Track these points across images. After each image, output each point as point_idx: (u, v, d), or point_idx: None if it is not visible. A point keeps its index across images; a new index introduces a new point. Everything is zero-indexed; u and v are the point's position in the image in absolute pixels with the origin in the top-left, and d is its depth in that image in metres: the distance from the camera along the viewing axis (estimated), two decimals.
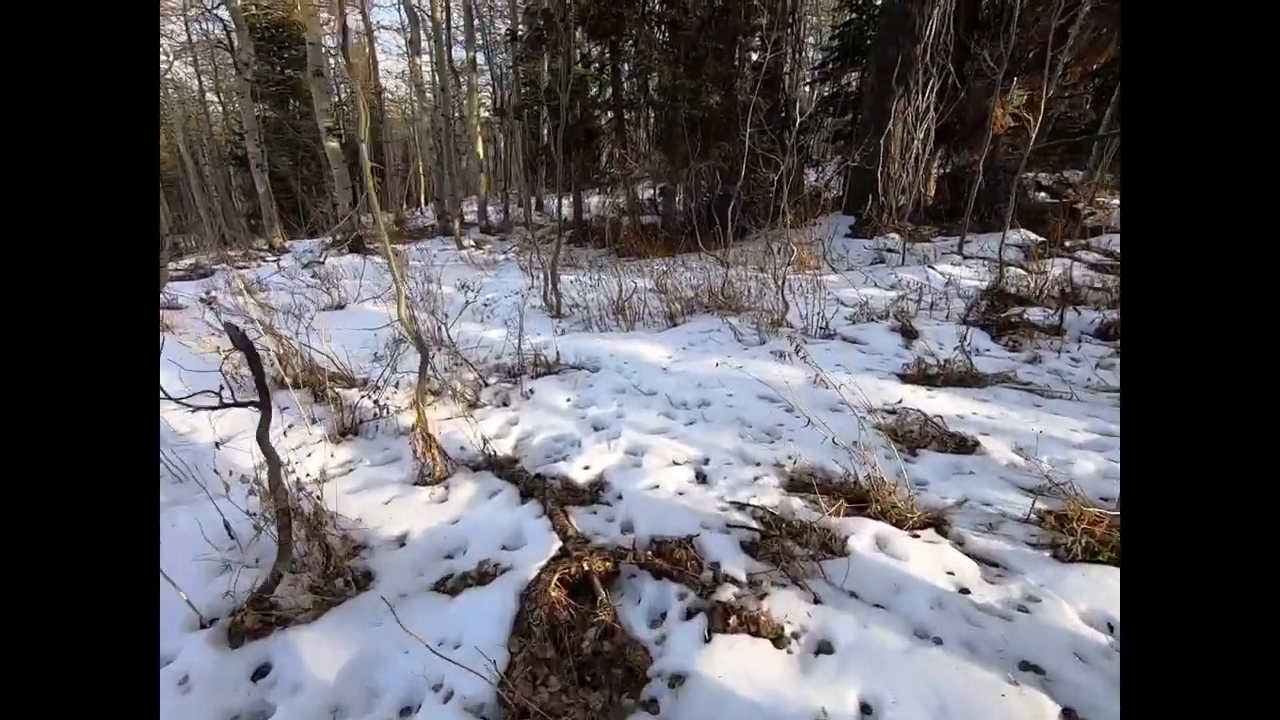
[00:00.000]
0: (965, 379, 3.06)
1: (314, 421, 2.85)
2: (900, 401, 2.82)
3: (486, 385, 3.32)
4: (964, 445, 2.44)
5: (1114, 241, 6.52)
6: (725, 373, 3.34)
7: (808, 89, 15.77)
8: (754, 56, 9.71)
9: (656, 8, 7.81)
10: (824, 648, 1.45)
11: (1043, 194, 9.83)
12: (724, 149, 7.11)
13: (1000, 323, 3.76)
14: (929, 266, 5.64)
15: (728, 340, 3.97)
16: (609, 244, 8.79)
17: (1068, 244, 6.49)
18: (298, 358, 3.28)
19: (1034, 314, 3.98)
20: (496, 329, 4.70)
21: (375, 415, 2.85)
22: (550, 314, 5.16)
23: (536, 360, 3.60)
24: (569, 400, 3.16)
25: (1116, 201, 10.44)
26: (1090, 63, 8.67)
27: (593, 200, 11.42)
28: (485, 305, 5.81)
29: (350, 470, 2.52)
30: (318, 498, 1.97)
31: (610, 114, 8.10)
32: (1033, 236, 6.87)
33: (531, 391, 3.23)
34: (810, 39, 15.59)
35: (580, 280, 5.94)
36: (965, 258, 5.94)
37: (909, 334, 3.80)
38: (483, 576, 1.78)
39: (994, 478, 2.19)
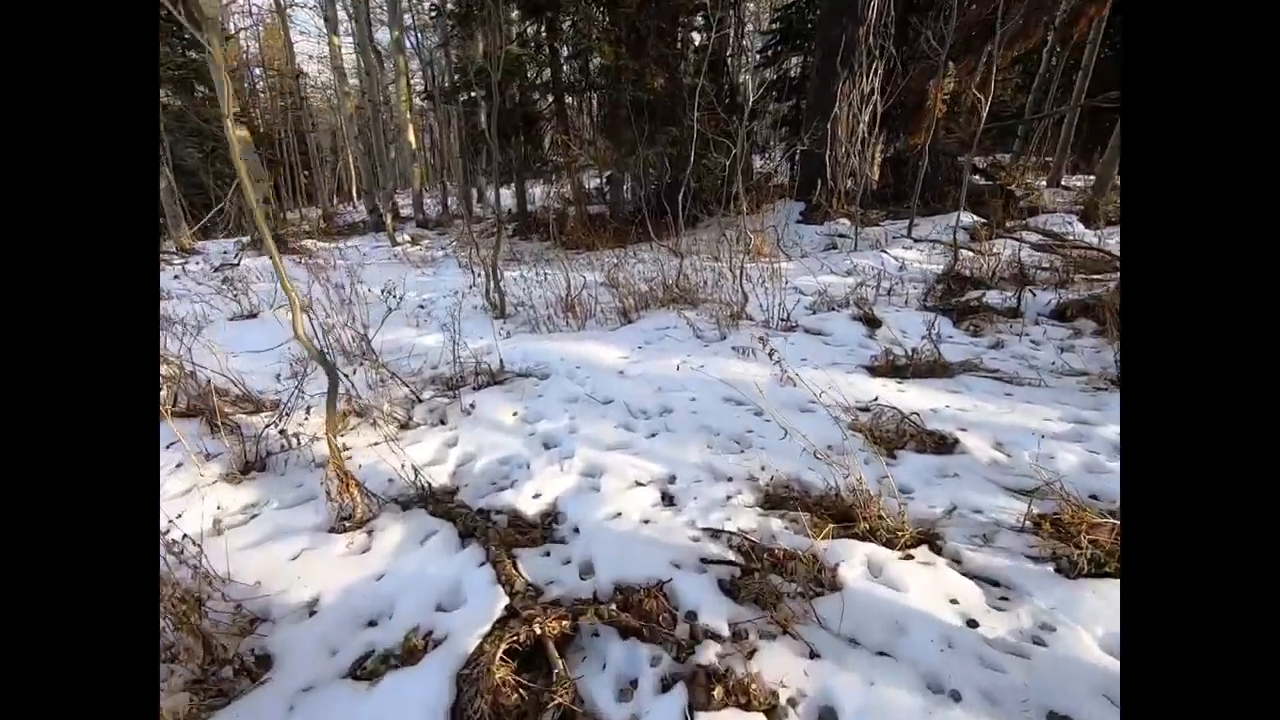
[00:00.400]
0: (934, 369, 2.94)
1: (208, 457, 2.40)
2: (876, 399, 2.65)
3: (420, 401, 2.94)
4: (944, 444, 2.29)
5: (1049, 221, 6.70)
6: (686, 375, 3.09)
7: (750, 75, 15.75)
8: (697, 39, 9.47)
9: None
10: (827, 716, 1.22)
11: (977, 176, 10.13)
12: (671, 134, 6.84)
13: (960, 308, 3.69)
14: (882, 251, 5.59)
15: (686, 337, 3.73)
16: (554, 237, 8.38)
17: (1008, 225, 6.63)
18: (188, 380, 2.79)
19: (991, 297, 3.94)
20: (433, 334, 4.27)
21: (284, 446, 2.43)
22: (493, 315, 4.77)
23: (478, 369, 3.24)
24: (516, 414, 2.83)
25: (1043, 183, 10.92)
26: (1014, 50, 8.91)
27: (537, 191, 10.93)
28: (422, 308, 5.33)
29: (253, 517, 2.11)
30: (196, 565, 1.59)
31: (550, 98, 7.66)
32: (975, 219, 6.99)
33: (473, 406, 2.88)
34: (750, 26, 15.50)
35: (525, 276, 5.54)
36: (915, 241, 5.94)
37: (872, 322, 3.67)
38: (411, 653, 1.45)
39: (980, 479, 2.04)
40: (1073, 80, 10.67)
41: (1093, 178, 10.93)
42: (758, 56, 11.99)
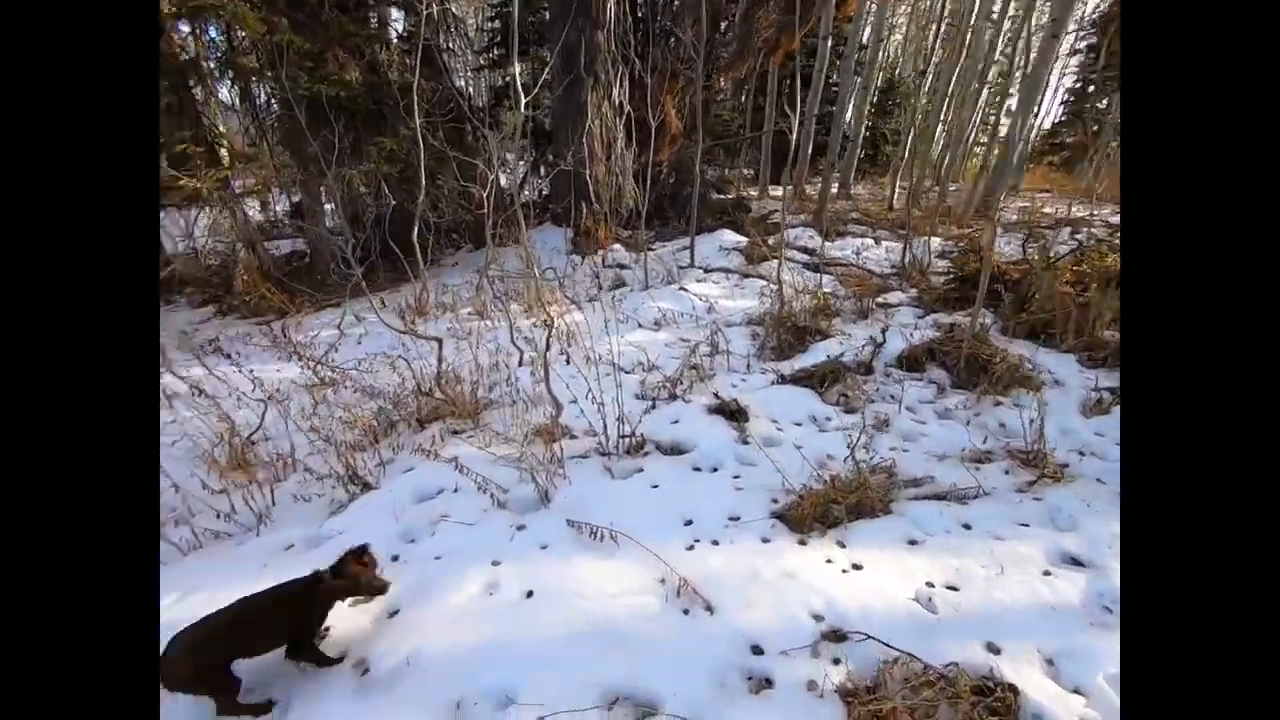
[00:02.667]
0: (864, 501, 2.03)
1: None
2: (844, 633, 1.56)
3: None
4: (1002, 711, 1.32)
5: (798, 236, 6.96)
6: (502, 631, 1.56)
7: (471, 78, 14.03)
8: (400, 24, 7.46)
9: None
10: None
11: (716, 192, 10.60)
12: (384, 147, 4.89)
13: (821, 375, 2.96)
14: (681, 289, 4.80)
15: (475, 510, 2.13)
16: (220, 296, 5.49)
17: (770, 241, 6.66)
18: None
19: (831, 347, 3.37)
20: None
21: None
22: None
23: None
24: None
25: (777, 191, 12.16)
26: (734, 74, 9.42)
27: (202, 220, 7.24)
28: None
29: None
30: None
31: (164, 82, 4.78)
32: (734, 238, 6.91)
33: None
34: (467, 19, 13.72)
35: None
36: (706, 271, 5.35)
37: (735, 415, 2.68)
38: None
39: None
40: (781, 99, 12.07)
41: (785, 188, 12.69)
42: (479, 59, 10.43)
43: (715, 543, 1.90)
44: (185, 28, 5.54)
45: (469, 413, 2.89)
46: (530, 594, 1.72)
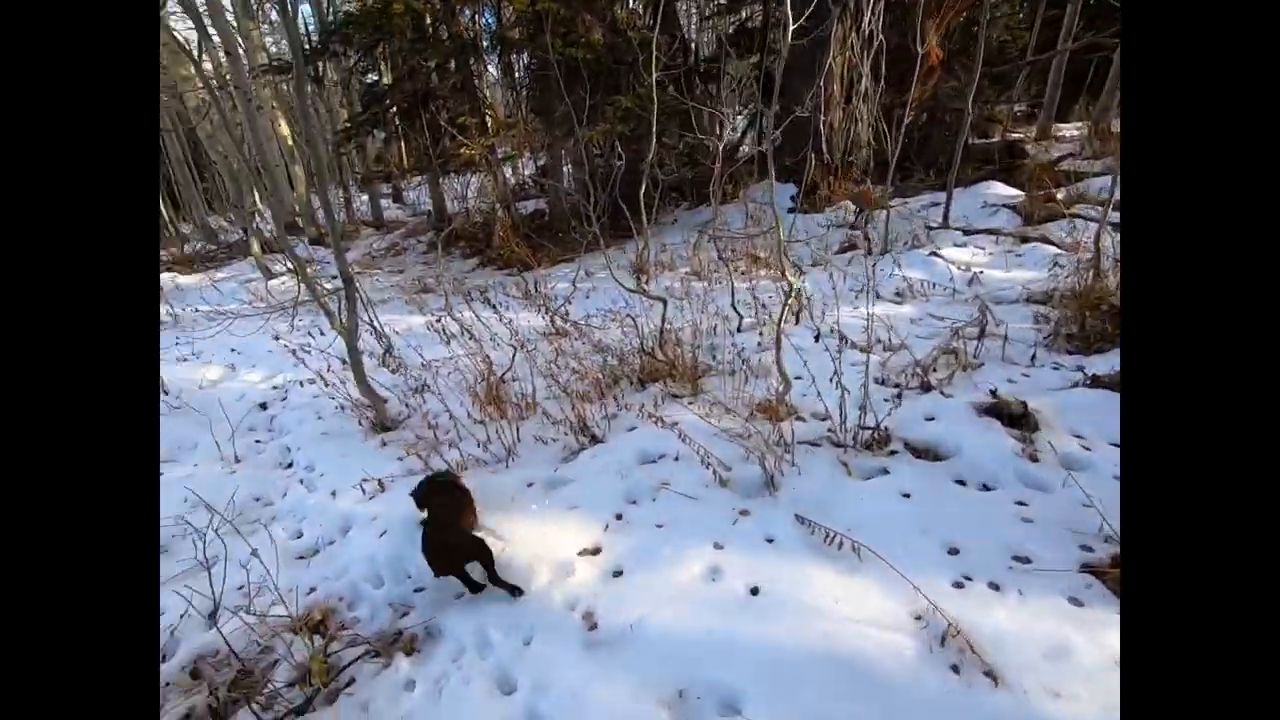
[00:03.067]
0: None
1: None
2: None
3: None
4: None
5: (1102, 188, 5.27)
6: (726, 625, 1.44)
7: (696, 29, 13.76)
8: None
9: None
10: None
11: (974, 135, 8.67)
12: (620, 105, 5.02)
13: None
14: (934, 254, 4.02)
15: (697, 485, 2.05)
16: (481, 252, 6.47)
17: (1058, 196, 5.17)
18: None
19: None
20: (269, 476, 2.45)
21: None
22: (372, 426, 2.95)
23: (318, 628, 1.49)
24: None
25: (1069, 131, 9.57)
26: None
27: (473, 184, 8.74)
28: (269, 413, 3.43)
29: None
30: None
31: (452, 63, 5.63)
32: (1005, 191, 5.53)
33: None
34: None
35: (430, 333, 3.71)
36: (967, 234, 4.40)
37: (1017, 421, 2.10)
38: None
39: None
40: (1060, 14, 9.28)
41: (1081, 126, 9.72)
42: (711, 4, 10.08)
43: (995, 587, 1.48)
44: (468, 13, 6.39)
45: (688, 377, 2.83)
46: (755, 591, 1.57)
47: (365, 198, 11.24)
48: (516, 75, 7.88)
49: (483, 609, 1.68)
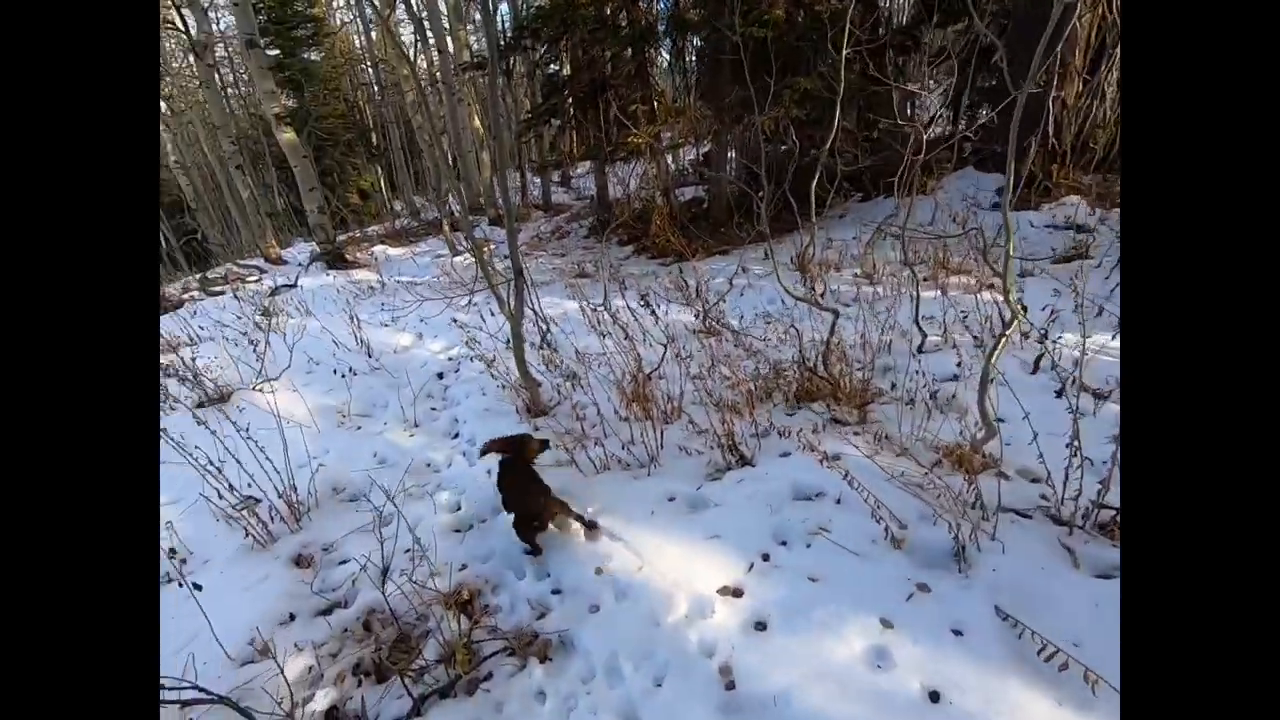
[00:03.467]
0: None
1: None
2: None
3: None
4: None
5: None
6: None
7: None
8: None
9: None
10: None
11: None
12: (799, 88, 4.61)
13: None
14: None
15: (860, 535, 1.75)
16: (637, 240, 6.53)
17: None
18: None
19: None
20: (439, 444, 2.71)
21: None
22: (527, 409, 3.10)
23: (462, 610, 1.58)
24: None
25: None
26: None
27: (636, 171, 8.92)
28: (441, 377, 3.82)
29: None
30: None
31: (629, 50, 5.66)
32: None
33: None
34: None
35: (585, 321, 3.80)
36: None
37: None
38: None
39: None
40: None
41: None
42: None
43: None
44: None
45: (855, 401, 2.49)
46: (935, 697, 1.28)
47: (538, 181, 12.13)
48: (687, 60, 7.75)
49: (617, 626, 1.63)
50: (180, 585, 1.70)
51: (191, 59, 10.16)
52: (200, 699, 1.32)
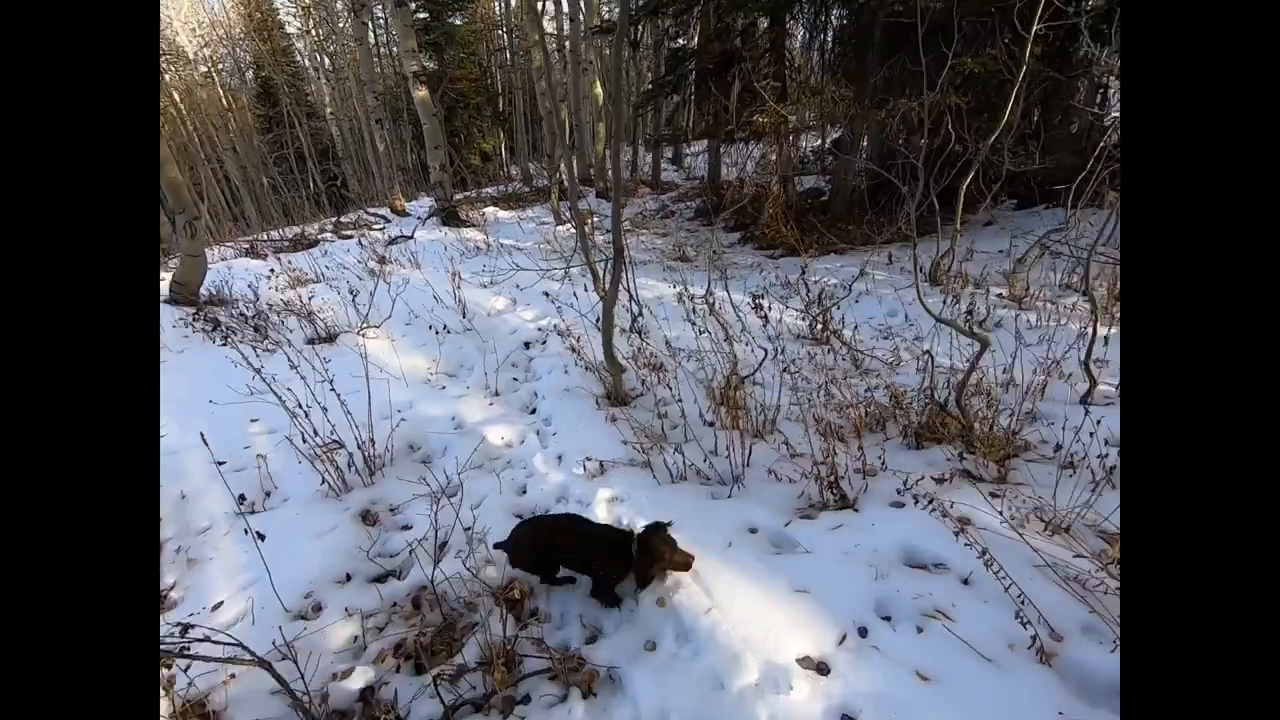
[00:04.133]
0: None
1: None
2: None
3: None
4: None
5: None
6: None
7: None
8: None
9: None
10: None
11: None
12: (965, 68, 3.95)
13: None
14: None
15: (993, 634, 1.38)
16: (746, 228, 6.12)
17: None
18: None
19: None
20: (515, 418, 2.63)
21: None
22: (607, 397, 2.93)
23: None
24: None
25: None
26: None
27: (754, 153, 8.40)
28: (528, 347, 3.76)
29: None
30: None
31: (765, 21, 5.19)
32: None
33: None
34: None
35: (680, 309, 3.55)
36: None
37: None
38: None
39: None
40: None
41: None
42: None
43: None
44: None
45: (994, 452, 2.05)
46: None
47: (649, 157, 11.91)
48: (828, 34, 7.06)
49: (674, 678, 1.41)
50: (245, 532, 1.71)
51: (350, 16, 10.91)
52: (241, 659, 1.28)
